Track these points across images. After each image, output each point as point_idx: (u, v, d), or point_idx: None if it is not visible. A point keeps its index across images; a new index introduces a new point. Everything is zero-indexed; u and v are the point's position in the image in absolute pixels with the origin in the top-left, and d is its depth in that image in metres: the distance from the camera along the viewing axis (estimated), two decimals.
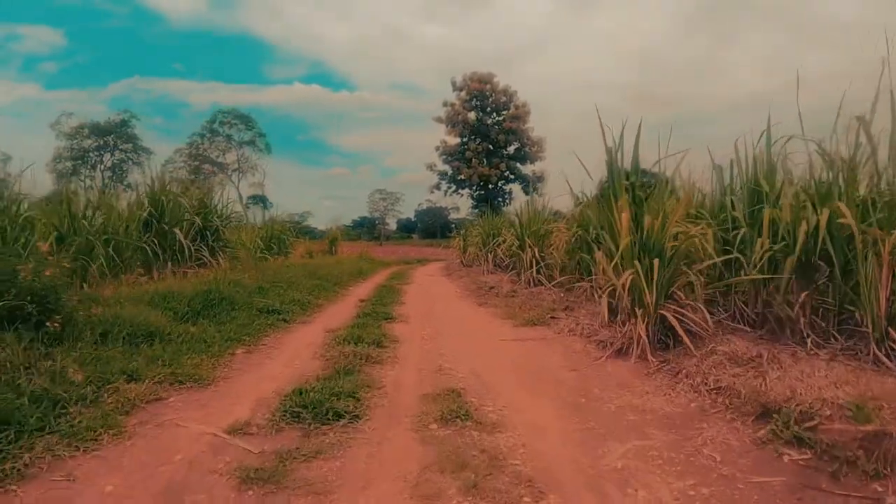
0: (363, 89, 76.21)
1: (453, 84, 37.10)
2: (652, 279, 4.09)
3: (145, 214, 7.36)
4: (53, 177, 38.28)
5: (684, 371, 3.57)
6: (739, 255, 4.27)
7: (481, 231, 13.71)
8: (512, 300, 7.85)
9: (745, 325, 4.26)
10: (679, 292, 4.39)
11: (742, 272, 4.27)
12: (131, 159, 43.47)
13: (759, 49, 63.07)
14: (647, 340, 4.01)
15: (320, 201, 74.58)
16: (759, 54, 62.56)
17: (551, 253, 8.83)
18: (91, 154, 43.27)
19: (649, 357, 3.93)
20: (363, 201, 58.93)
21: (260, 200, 50.59)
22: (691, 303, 4.37)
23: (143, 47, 63.84)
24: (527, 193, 37.49)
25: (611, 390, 3.40)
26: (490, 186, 37.53)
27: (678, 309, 4.17)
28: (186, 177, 48.73)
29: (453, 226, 41.31)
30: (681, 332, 3.99)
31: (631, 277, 4.18)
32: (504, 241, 11.88)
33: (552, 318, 6.01)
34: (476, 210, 33.97)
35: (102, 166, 43.24)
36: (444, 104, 37.16)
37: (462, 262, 15.54)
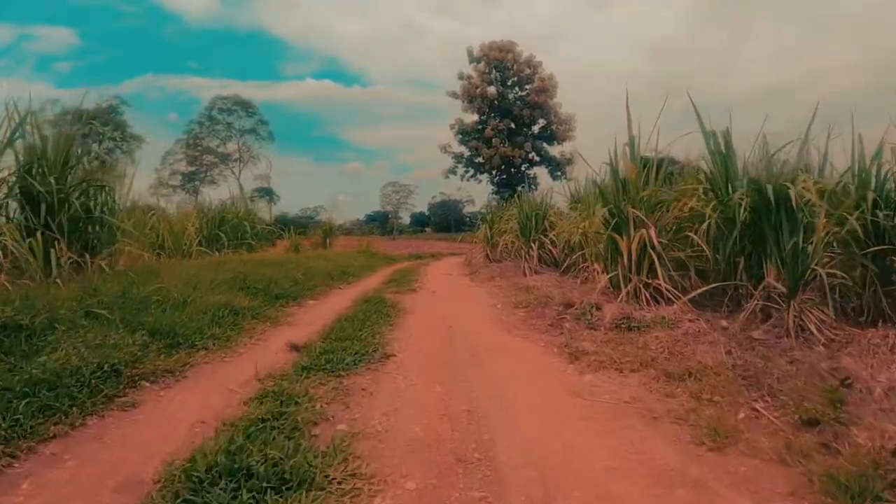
0: (377, 85, 72.33)
1: (469, 54, 32.36)
2: None
3: None
4: None
5: None
6: None
7: (519, 214, 9.40)
8: (638, 342, 3.44)
9: None
10: None
11: None
12: (120, 147, 39.65)
13: (774, 41, 58.11)
14: None
15: (336, 197, 71.72)
16: (774, 46, 57.77)
17: (691, 239, 4.40)
18: (77, 143, 39.57)
19: None
20: (377, 197, 54.56)
21: (266, 193, 46.46)
22: None
23: (157, 46, 61.03)
24: (554, 177, 32.83)
25: None
26: (512, 170, 32.82)
27: None
28: (186, 168, 45.19)
29: (468, 219, 37.03)
30: None
31: None
32: (567, 223, 7.51)
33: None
34: (497, 196, 29.40)
35: (89, 156, 39.51)
36: (460, 77, 32.45)
37: (489, 256, 11.17)
